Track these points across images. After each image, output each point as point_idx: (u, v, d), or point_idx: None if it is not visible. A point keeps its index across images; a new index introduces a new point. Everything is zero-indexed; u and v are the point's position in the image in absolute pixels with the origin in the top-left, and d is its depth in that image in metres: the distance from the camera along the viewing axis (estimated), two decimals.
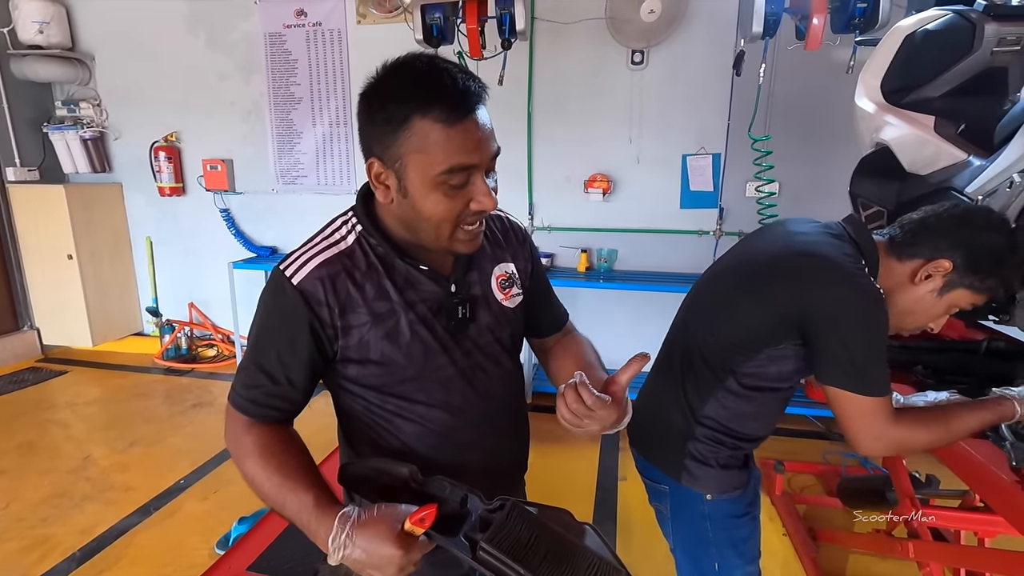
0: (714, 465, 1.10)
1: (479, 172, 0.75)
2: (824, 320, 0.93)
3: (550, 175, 3.28)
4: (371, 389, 0.86)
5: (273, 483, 0.76)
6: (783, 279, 0.99)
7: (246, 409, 0.83)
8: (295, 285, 0.79)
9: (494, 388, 0.92)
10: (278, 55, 3.49)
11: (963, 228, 0.96)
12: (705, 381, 1.08)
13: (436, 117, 0.71)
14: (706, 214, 3.11)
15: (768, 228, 1.17)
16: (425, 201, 0.75)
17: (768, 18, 2.14)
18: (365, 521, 0.67)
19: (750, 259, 1.10)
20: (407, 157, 0.74)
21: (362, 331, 0.81)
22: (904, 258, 1.00)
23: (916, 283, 0.99)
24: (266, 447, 0.79)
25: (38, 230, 3.74)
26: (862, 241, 1.02)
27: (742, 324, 1.03)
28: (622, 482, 2.42)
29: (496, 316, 0.92)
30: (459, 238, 0.79)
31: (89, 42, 3.79)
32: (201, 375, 3.59)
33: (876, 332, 0.93)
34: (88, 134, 3.79)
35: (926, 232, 0.99)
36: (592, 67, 3.08)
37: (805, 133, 2.87)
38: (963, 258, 0.96)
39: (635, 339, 3.35)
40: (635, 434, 1.23)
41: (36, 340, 3.92)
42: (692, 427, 1.09)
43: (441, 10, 2.37)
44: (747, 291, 1.03)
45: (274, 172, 3.68)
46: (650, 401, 1.20)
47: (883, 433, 0.94)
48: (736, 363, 1.04)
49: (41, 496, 2.28)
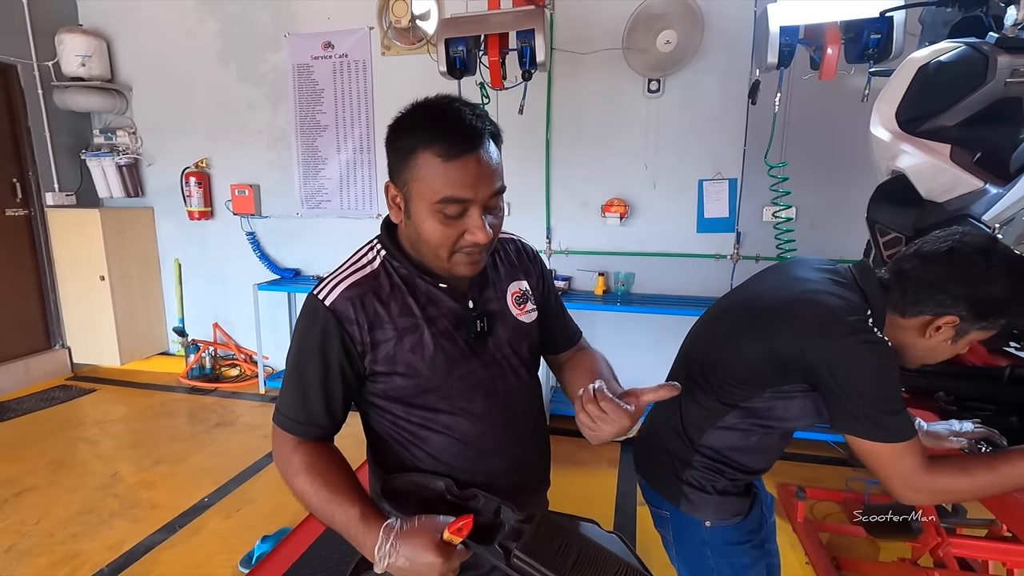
0: (711, 492, 1.10)
1: (475, 206, 0.82)
2: (829, 374, 0.93)
3: (568, 200, 3.33)
4: (397, 402, 0.92)
5: (321, 498, 0.82)
6: (784, 324, 0.99)
7: (290, 428, 0.89)
8: (327, 306, 0.87)
9: (514, 397, 0.97)
10: (305, 85, 3.63)
11: (963, 284, 0.94)
12: (707, 412, 1.08)
13: (436, 151, 0.79)
14: (723, 238, 3.13)
15: (777, 268, 1.17)
16: (424, 225, 0.84)
17: (783, 49, 2.19)
18: (407, 531, 0.73)
19: (755, 298, 1.10)
20: (412, 183, 0.83)
21: (389, 345, 0.88)
22: (908, 316, 0.99)
23: (927, 338, 0.99)
24: (313, 465, 0.85)
25: (73, 252, 3.89)
26: (868, 289, 1.02)
27: (744, 363, 1.03)
28: (641, 507, 2.40)
29: (513, 330, 0.98)
30: (457, 261, 0.86)
31: (127, 74, 3.98)
32: (224, 394, 3.66)
33: (884, 381, 0.92)
34: (123, 161, 3.96)
35: (927, 289, 0.96)
36: (609, 95, 3.15)
37: (821, 159, 2.90)
38: (969, 311, 0.94)
39: (653, 362, 3.34)
40: (639, 460, 1.25)
41: (67, 359, 4.03)
42: (690, 454, 1.11)
43: (464, 43, 2.46)
44: (750, 331, 1.03)
45: (299, 197, 3.79)
46: (653, 427, 1.21)
47: (918, 482, 0.92)
48: (739, 399, 1.04)
49: (71, 512, 2.33)
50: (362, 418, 0.99)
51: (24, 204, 3.79)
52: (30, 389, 3.70)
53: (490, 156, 0.83)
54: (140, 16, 3.85)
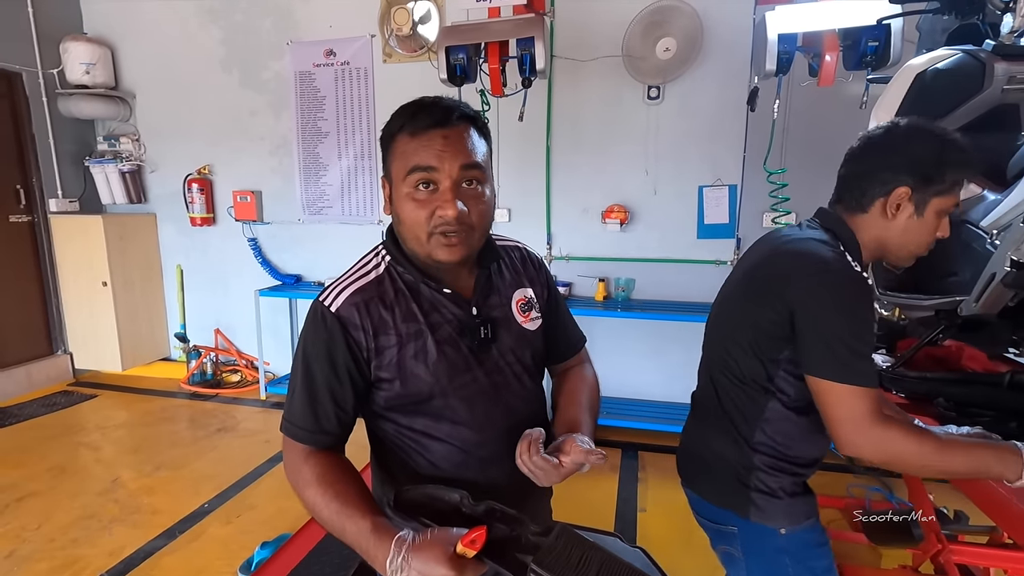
0: (782, 496, 1.06)
1: (444, 180, 0.83)
2: (804, 311, 0.95)
3: (568, 206, 3.34)
4: (400, 410, 0.92)
5: (332, 510, 0.81)
6: (773, 281, 1.02)
7: (300, 437, 0.89)
8: (333, 312, 0.87)
9: (516, 406, 0.97)
10: (307, 92, 3.66)
11: (891, 156, 1.00)
12: (748, 407, 1.06)
13: (407, 130, 0.85)
14: (723, 244, 3.14)
15: (758, 242, 1.20)
16: (402, 208, 0.86)
17: (781, 56, 2.20)
18: (420, 544, 0.71)
19: (747, 274, 1.12)
20: (392, 168, 0.88)
21: (393, 351, 0.88)
22: (867, 208, 1.04)
23: (892, 218, 1.02)
24: (324, 476, 0.84)
25: (76, 258, 3.90)
26: (832, 224, 1.07)
27: (758, 337, 1.03)
28: (642, 513, 2.40)
29: (517, 337, 0.97)
30: (434, 244, 0.86)
31: (131, 81, 4.01)
32: (225, 400, 3.67)
33: (857, 319, 0.93)
34: (127, 167, 3.98)
35: (865, 178, 1.03)
36: (609, 102, 3.17)
37: (820, 165, 2.89)
38: (912, 177, 0.99)
39: (653, 368, 3.35)
40: (688, 474, 1.20)
41: (69, 364, 4.04)
42: (749, 457, 1.06)
43: (465, 51, 2.48)
44: (752, 304, 1.05)
45: (300, 203, 3.81)
46: (697, 438, 1.17)
47: (866, 430, 0.91)
48: (770, 381, 1.03)
49: (71, 518, 2.33)
50: (366, 425, 0.99)
51: (28, 210, 3.81)
52: (32, 394, 3.71)
53: (460, 134, 0.85)
54: (144, 24, 3.88)
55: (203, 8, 3.75)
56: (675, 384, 3.35)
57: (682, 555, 2.10)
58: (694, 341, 3.55)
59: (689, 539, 2.22)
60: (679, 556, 2.10)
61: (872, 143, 1.04)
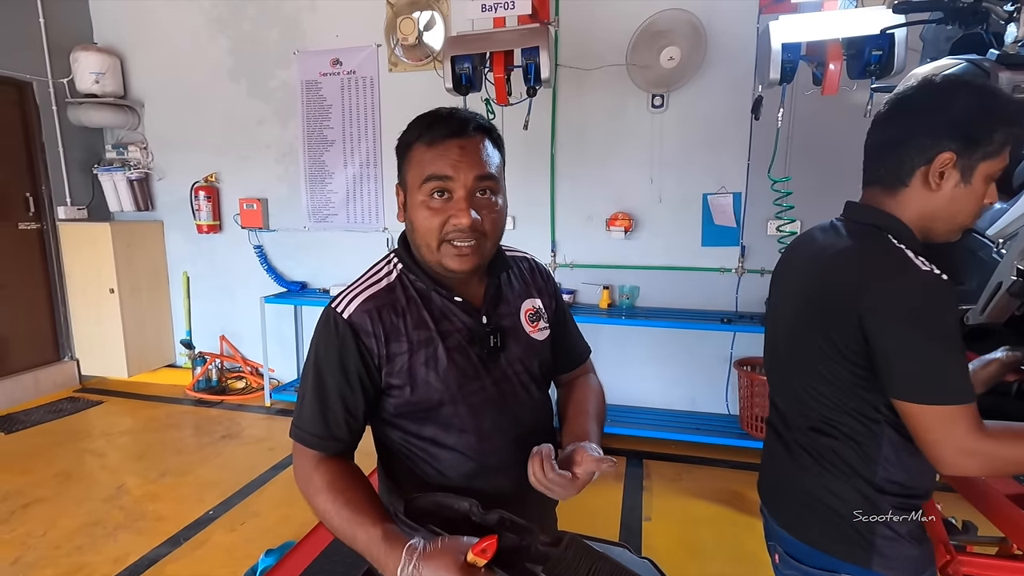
0: (911, 540, 0.93)
1: (458, 189, 0.85)
2: (879, 331, 0.84)
3: (572, 214, 3.35)
4: (409, 417, 0.92)
5: (343, 517, 0.81)
6: (838, 305, 0.90)
7: (311, 443, 0.89)
8: (346, 319, 0.88)
9: (523, 415, 0.97)
10: (313, 101, 3.69)
11: (928, 117, 0.88)
12: (863, 442, 0.92)
13: (424, 140, 0.87)
14: (728, 252, 3.14)
15: (795, 254, 1.09)
16: (415, 215, 0.87)
17: (785, 65, 2.20)
18: (430, 553, 0.71)
19: (806, 299, 0.98)
20: (407, 177, 0.90)
21: (404, 358, 0.89)
22: (907, 182, 0.91)
23: (936, 188, 0.89)
24: (334, 483, 0.85)
25: (84, 265, 3.93)
26: (871, 218, 0.95)
27: (848, 368, 0.91)
28: (647, 522, 2.38)
29: (525, 347, 0.98)
30: (445, 253, 0.87)
31: (140, 90, 4.06)
32: (230, 407, 3.67)
33: (938, 326, 0.81)
34: (135, 175, 4.02)
35: (901, 145, 0.90)
36: (613, 111, 3.18)
37: (825, 173, 2.90)
38: (955, 140, 0.86)
39: (657, 376, 3.35)
40: (783, 514, 1.05)
41: (75, 370, 4.06)
42: (874, 499, 0.92)
43: (470, 60, 2.50)
44: (825, 333, 0.92)
45: (306, 210, 3.83)
46: (797, 478, 1.01)
47: (972, 446, 0.80)
48: (877, 411, 0.90)
49: (76, 524, 2.34)
50: (374, 433, 0.99)
51: (36, 218, 3.85)
52: (38, 401, 3.73)
53: (476, 144, 0.87)
54: (153, 34, 3.93)
55: (211, 18, 3.80)
56: (680, 392, 3.34)
57: (688, 565, 2.09)
58: (699, 349, 3.54)
59: (694, 549, 2.21)
60: (685, 566, 2.09)
61: (905, 103, 0.90)
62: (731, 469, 2.83)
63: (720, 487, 2.65)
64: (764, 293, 3.07)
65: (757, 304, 3.09)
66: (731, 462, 2.89)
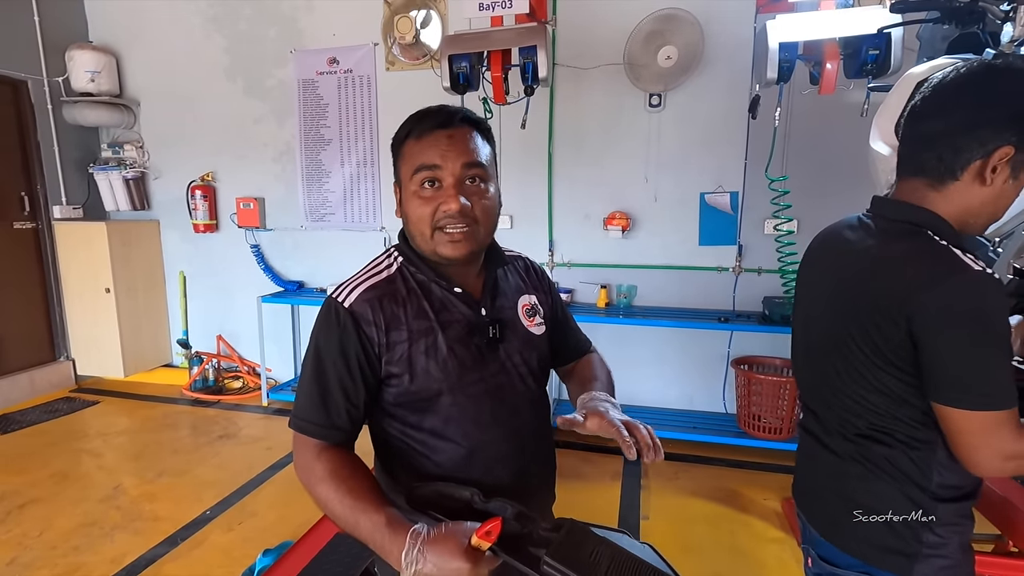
0: (959, 550, 0.91)
1: (447, 177, 0.88)
2: (929, 330, 0.81)
3: (570, 213, 3.35)
4: (408, 407, 0.93)
5: (345, 505, 0.81)
6: (883, 306, 0.86)
7: (311, 431, 0.89)
8: (346, 308, 0.89)
9: (521, 407, 0.99)
10: (310, 100, 3.68)
11: (990, 108, 0.82)
12: (917, 445, 0.89)
13: (414, 135, 0.91)
14: (725, 251, 3.14)
15: (825, 252, 1.05)
16: (409, 206, 0.91)
17: (782, 65, 2.21)
18: (435, 537, 0.72)
19: (847, 301, 0.93)
20: (401, 171, 0.93)
21: (404, 347, 0.90)
22: (959, 175, 0.85)
23: (988, 184, 0.84)
24: (336, 472, 0.85)
25: (79, 265, 3.92)
26: (905, 214, 0.90)
27: (895, 375, 0.88)
28: (644, 521, 2.39)
29: (523, 340, 1.00)
30: (438, 240, 0.90)
31: (135, 89, 4.04)
32: (227, 406, 3.67)
33: (994, 326, 0.78)
34: (130, 174, 4.00)
35: (960, 134, 0.83)
36: (611, 110, 3.18)
37: (822, 172, 2.91)
38: (1016, 133, 0.81)
39: (655, 375, 3.35)
40: (825, 521, 1.02)
41: (71, 370, 4.05)
42: (927, 506, 0.89)
43: (467, 59, 2.49)
44: (869, 338, 0.89)
45: (303, 209, 3.82)
46: (841, 482, 0.98)
47: (1012, 450, 0.78)
48: (927, 416, 0.87)
49: (73, 525, 2.33)
50: (371, 425, 1.00)
51: (32, 217, 3.83)
52: (34, 401, 3.71)
53: (464, 134, 0.90)
54: (149, 32, 3.91)
55: (208, 17, 3.78)
56: (677, 391, 3.35)
57: (686, 563, 2.09)
58: (696, 348, 3.54)
59: (693, 547, 2.21)
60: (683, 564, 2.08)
61: (965, 88, 0.84)
62: (728, 468, 2.84)
63: (718, 485, 2.66)
64: (761, 292, 3.08)
65: (754, 303, 3.09)
66: (728, 460, 2.89)
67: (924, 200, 0.89)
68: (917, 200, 0.90)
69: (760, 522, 2.37)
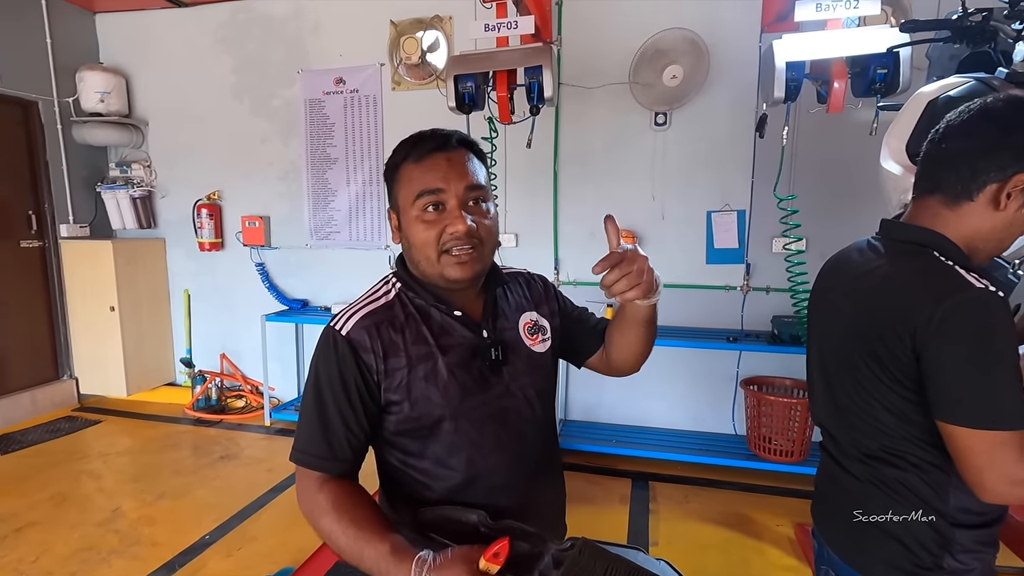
0: None
1: (451, 199, 0.88)
2: (929, 346, 0.80)
3: (575, 231, 3.33)
4: (409, 435, 0.91)
5: (349, 536, 0.79)
6: (883, 321, 0.87)
7: (313, 464, 0.87)
8: (344, 336, 0.88)
9: (526, 431, 0.96)
10: (316, 119, 3.70)
11: (1012, 136, 0.82)
12: (929, 467, 0.88)
13: (411, 159, 0.90)
14: (733, 269, 3.11)
15: (836, 275, 1.05)
16: (411, 231, 0.89)
17: (789, 84, 2.20)
18: (441, 563, 0.70)
19: (863, 323, 0.93)
20: (399, 196, 0.92)
21: (403, 373, 0.88)
22: (974, 196, 0.85)
23: (1001, 208, 0.84)
24: (339, 503, 0.83)
25: (84, 283, 3.92)
26: (915, 236, 0.90)
27: (910, 398, 0.87)
28: (654, 547, 2.32)
29: (527, 361, 0.98)
30: (445, 263, 0.89)
31: (144, 109, 4.08)
32: (229, 426, 3.63)
33: (997, 343, 0.77)
34: (137, 193, 4.02)
35: (981, 156, 0.84)
36: (616, 128, 3.18)
37: (831, 190, 2.89)
38: None
39: (662, 395, 3.30)
40: (843, 544, 1.00)
41: (74, 389, 4.02)
42: (947, 532, 0.87)
43: (473, 79, 2.50)
44: (881, 362, 0.88)
45: (308, 228, 3.82)
46: (858, 505, 0.96)
47: (1019, 475, 0.76)
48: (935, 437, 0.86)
49: (70, 549, 2.29)
50: (376, 456, 0.98)
51: (39, 236, 3.84)
52: (36, 420, 3.68)
53: (461, 156, 0.90)
54: (159, 54, 3.96)
55: (217, 39, 3.83)
56: (684, 411, 3.29)
57: None
58: (704, 367, 3.49)
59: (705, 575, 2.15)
60: None
61: (992, 115, 0.85)
62: (739, 491, 2.77)
63: (728, 510, 2.59)
64: (770, 311, 3.04)
65: (763, 322, 3.05)
66: (739, 484, 2.83)
67: (936, 219, 0.89)
68: (929, 220, 0.90)
69: (773, 549, 2.30)
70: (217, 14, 3.80)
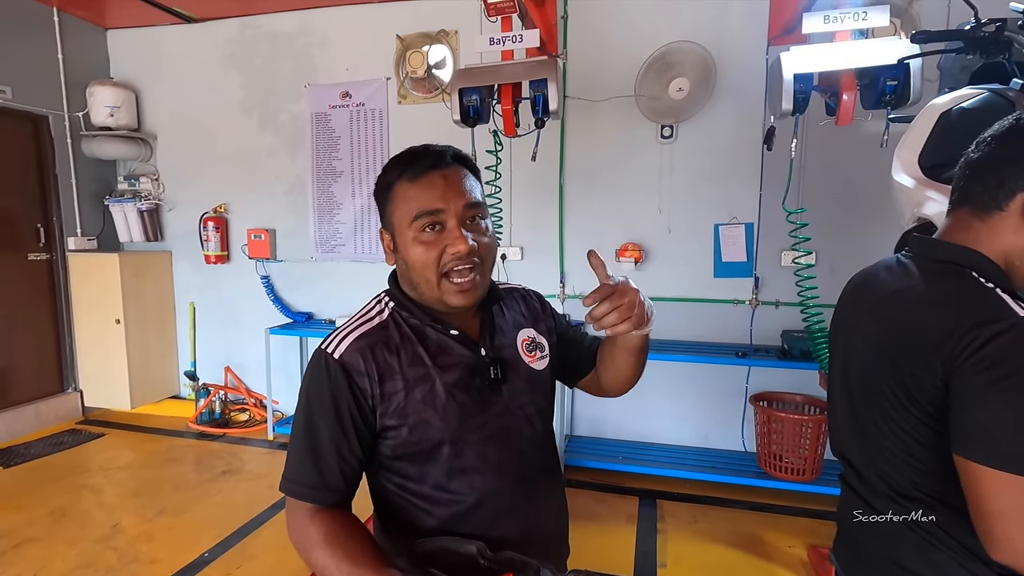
0: None
1: (450, 218, 0.84)
2: (959, 377, 0.73)
3: (582, 244, 3.30)
4: (408, 459, 0.87)
5: (343, 571, 0.76)
6: (913, 348, 0.80)
7: (303, 495, 0.84)
8: (337, 359, 0.84)
9: (527, 450, 0.93)
10: (322, 133, 3.71)
11: None
12: (966, 511, 0.78)
13: (405, 178, 0.86)
14: (741, 283, 3.07)
15: (861, 294, 0.98)
16: (409, 253, 0.86)
17: (797, 96, 2.17)
18: None
19: (878, 341, 0.88)
20: (394, 216, 0.88)
21: (400, 397, 0.85)
22: (1003, 206, 0.79)
23: None
24: (332, 535, 0.80)
25: (91, 296, 3.93)
26: (950, 255, 0.84)
27: (932, 420, 0.80)
28: (662, 569, 2.26)
29: (526, 379, 0.95)
30: (446, 289, 0.85)
31: (153, 123, 4.12)
32: (232, 440, 3.60)
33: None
34: (145, 206, 4.04)
35: (1008, 166, 0.79)
36: (622, 141, 3.16)
37: (841, 203, 2.85)
38: None
39: (669, 411, 3.24)
40: None
41: (79, 402, 4.02)
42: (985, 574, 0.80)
43: (478, 92, 2.49)
44: (902, 383, 0.82)
45: (314, 241, 3.82)
46: (888, 546, 0.90)
47: None
48: None
49: (68, 567, 2.25)
50: (369, 481, 0.94)
51: (47, 248, 3.86)
52: (40, 433, 3.67)
53: (457, 174, 0.87)
54: (169, 69, 4.01)
55: (225, 54, 3.87)
56: (692, 428, 3.23)
57: None
58: (712, 383, 3.43)
59: None
60: None
61: (1022, 124, 0.80)
62: (749, 511, 2.70)
63: (738, 530, 2.52)
64: (779, 325, 2.99)
65: (772, 337, 3.00)
66: (749, 503, 2.76)
67: (969, 232, 0.83)
68: (963, 235, 0.84)
69: (785, 571, 2.23)
70: (226, 30, 3.84)
